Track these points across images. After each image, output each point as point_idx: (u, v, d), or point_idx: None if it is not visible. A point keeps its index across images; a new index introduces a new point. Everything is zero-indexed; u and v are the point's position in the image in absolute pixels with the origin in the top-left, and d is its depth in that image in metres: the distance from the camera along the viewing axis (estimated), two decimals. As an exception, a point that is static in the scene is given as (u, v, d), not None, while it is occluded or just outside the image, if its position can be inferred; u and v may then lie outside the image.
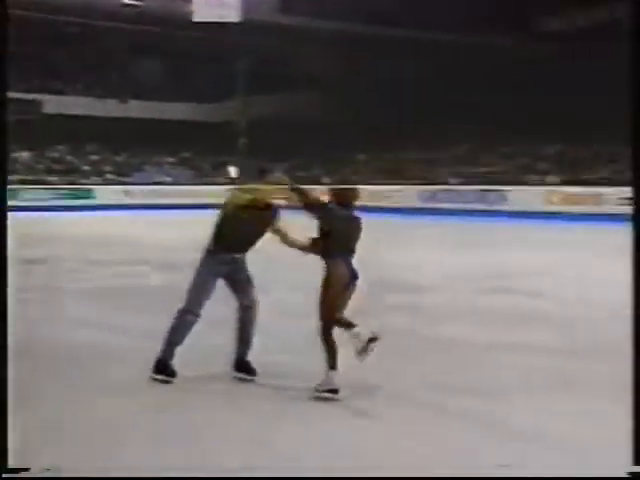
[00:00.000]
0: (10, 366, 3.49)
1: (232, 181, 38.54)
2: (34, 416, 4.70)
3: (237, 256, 5.88)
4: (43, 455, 4.05)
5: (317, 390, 5.39)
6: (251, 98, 40.32)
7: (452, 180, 33.03)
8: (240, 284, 5.88)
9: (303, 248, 5.72)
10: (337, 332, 5.37)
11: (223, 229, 5.82)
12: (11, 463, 3.47)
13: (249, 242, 5.90)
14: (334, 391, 5.35)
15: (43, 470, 3.72)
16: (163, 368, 5.76)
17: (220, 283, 5.87)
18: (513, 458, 4.21)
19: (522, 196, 28.84)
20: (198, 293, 5.79)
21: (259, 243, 5.91)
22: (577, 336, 7.46)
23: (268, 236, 5.90)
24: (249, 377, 5.85)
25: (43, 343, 6.95)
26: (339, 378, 5.33)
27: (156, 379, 5.70)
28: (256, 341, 5.88)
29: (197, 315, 5.78)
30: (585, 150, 31.26)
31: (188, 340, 5.78)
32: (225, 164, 39.97)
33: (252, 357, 5.88)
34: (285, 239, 5.93)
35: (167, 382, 5.68)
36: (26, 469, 3.59)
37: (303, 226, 5.77)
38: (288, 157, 35.71)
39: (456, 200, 30.65)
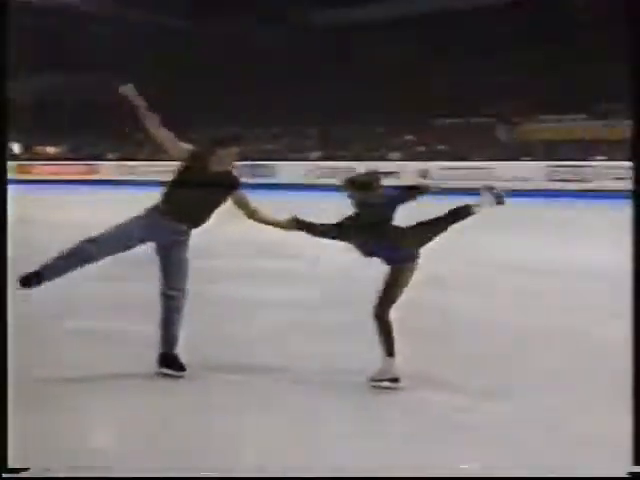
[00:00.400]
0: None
1: (15, 157, 36.84)
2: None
3: (184, 228, 4.85)
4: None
5: (375, 380, 4.70)
6: (40, 77, 38.60)
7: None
8: (174, 264, 4.86)
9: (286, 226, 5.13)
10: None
11: (174, 193, 4.86)
12: (11, 463, 3.35)
13: (203, 211, 4.94)
14: (395, 380, 4.66)
15: (43, 470, 3.52)
16: (29, 278, 4.62)
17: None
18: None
19: (289, 170, 29.94)
20: (115, 234, 4.72)
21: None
22: (327, 291, 8.22)
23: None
24: (177, 374, 4.87)
25: None
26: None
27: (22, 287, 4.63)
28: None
29: (99, 253, 4.69)
30: (343, 131, 33.08)
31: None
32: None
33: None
34: (251, 211, 5.11)
35: (34, 285, 4.64)
36: (26, 469, 3.42)
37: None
38: (75, 134, 34.68)
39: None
